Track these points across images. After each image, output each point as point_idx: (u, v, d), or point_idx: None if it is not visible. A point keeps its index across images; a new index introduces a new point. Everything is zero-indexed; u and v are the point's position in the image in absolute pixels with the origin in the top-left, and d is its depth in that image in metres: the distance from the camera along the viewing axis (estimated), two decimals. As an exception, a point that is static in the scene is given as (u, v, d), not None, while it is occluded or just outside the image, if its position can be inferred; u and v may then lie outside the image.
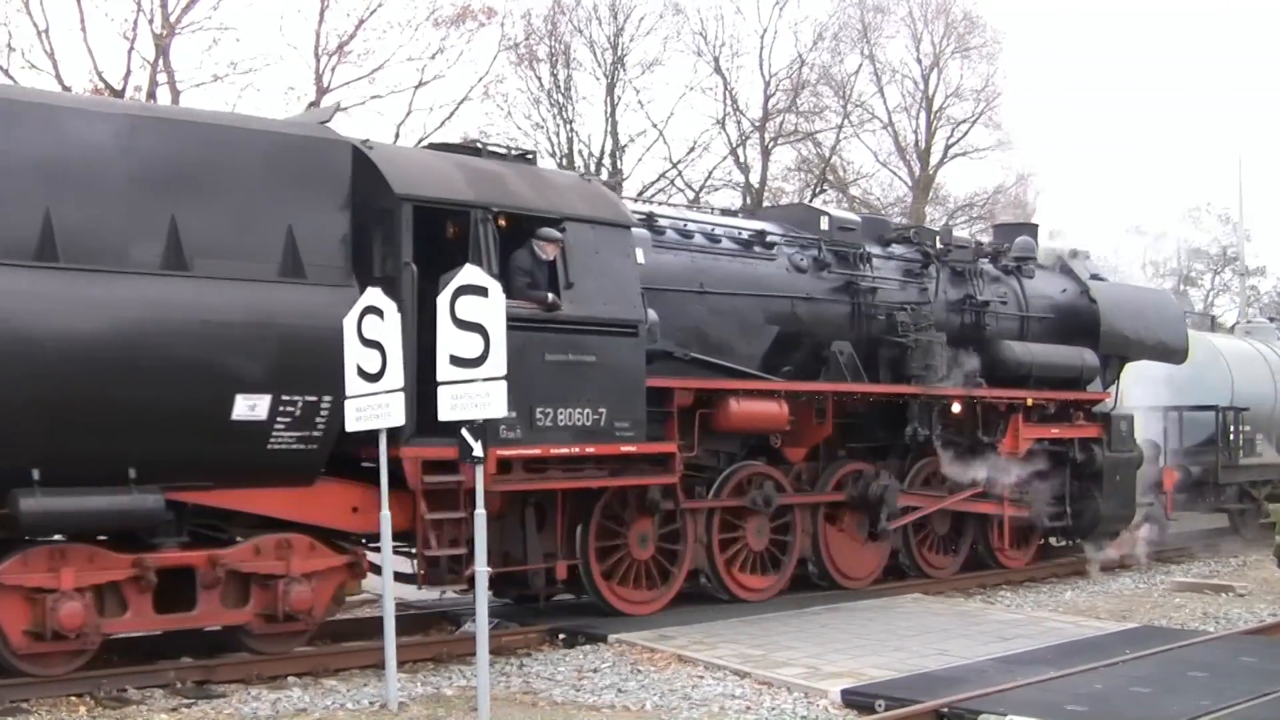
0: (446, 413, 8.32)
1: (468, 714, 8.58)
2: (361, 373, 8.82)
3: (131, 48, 22.32)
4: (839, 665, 9.92)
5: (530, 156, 11.64)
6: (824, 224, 14.07)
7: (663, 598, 12.04)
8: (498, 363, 7.98)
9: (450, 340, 8.14)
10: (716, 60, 31.65)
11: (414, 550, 10.38)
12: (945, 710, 8.41)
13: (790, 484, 13.32)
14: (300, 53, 25.87)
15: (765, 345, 13.04)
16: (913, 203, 34.47)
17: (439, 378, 8.36)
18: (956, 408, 14.80)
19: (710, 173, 31.24)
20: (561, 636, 11.08)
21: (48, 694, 8.74)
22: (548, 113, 30.52)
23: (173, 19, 22.63)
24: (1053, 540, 16.83)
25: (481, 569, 8.27)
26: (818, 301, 13.59)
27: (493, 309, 7.97)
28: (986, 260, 16.27)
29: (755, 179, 32.06)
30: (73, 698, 8.78)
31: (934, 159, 36.48)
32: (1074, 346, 16.25)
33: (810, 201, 26.82)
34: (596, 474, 11.08)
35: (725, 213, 14.29)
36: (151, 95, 22.35)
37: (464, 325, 8.11)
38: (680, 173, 30.68)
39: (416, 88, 25.26)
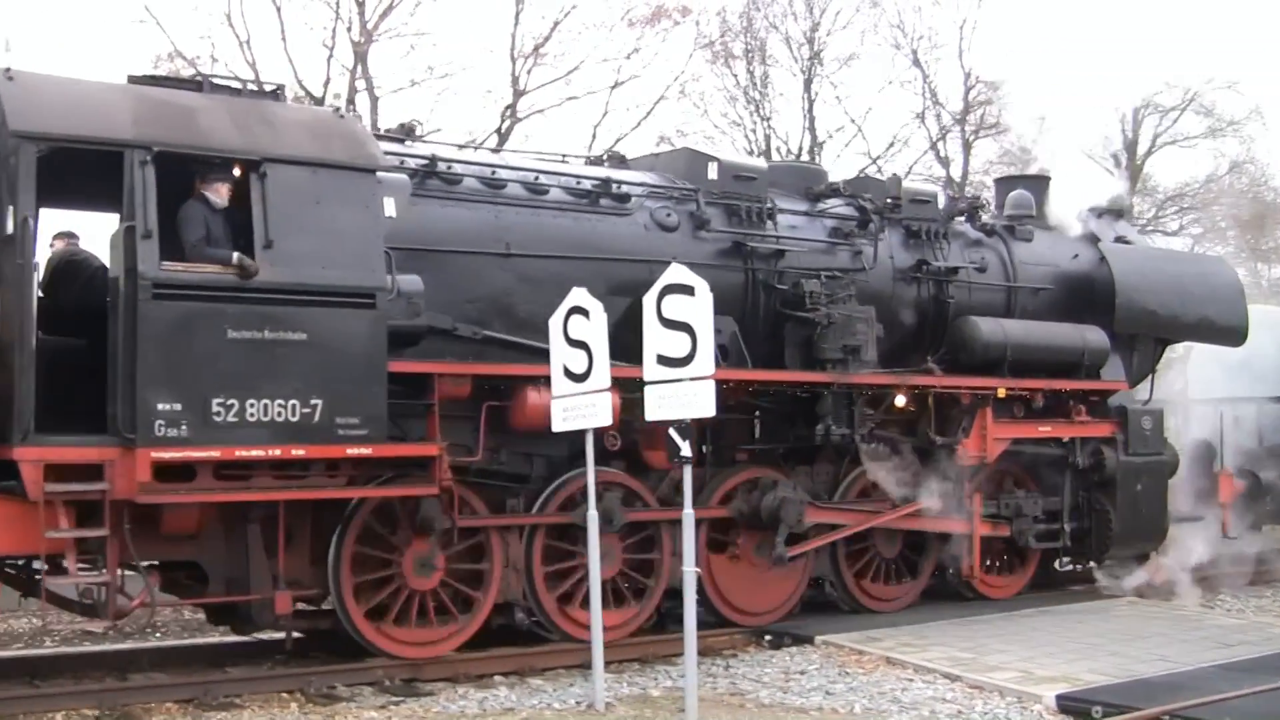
0: (653, 412, 8.36)
1: (675, 715, 8.58)
2: (568, 373, 8.91)
3: (330, 55, 23.27)
4: (1052, 669, 9.77)
5: (277, 91, 9.52)
6: (712, 172, 11.58)
7: (451, 642, 9.84)
8: (705, 362, 8.00)
9: (657, 339, 8.24)
10: (915, 53, 30.26)
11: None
12: (1166, 718, 8.26)
13: (658, 497, 10.95)
14: (496, 56, 26.37)
15: (610, 323, 10.62)
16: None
17: (646, 377, 8.30)
18: (901, 400, 12.13)
19: (910, 168, 29.97)
20: (768, 638, 11.08)
21: (260, 690, 8.96)
22: (744, 110, 29.98)
23: (370, 26, 23.39)
24: (1057, 564, 13.90)
25: (689, 569, 8.21)
26: (690, 266, 11.05)
27: (700, 307, 8.05)
28: (962, 219, 13.49)
29: (956, 173, 30.77)
30: (283, 694, 8.97)
31: (1141, 149, 33.75)
32: (1076, 324, 13.31)
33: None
34: (326, 483, 8.93)
35: (592, 162, 11.86)
36: (351, 102, 22.93)
37: (670, 324, 8.16)
38: (880, 168, 29.61)
39: (613, 88, 25.36)
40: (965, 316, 12.65)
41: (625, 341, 10.77)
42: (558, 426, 9.12)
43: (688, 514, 8.31)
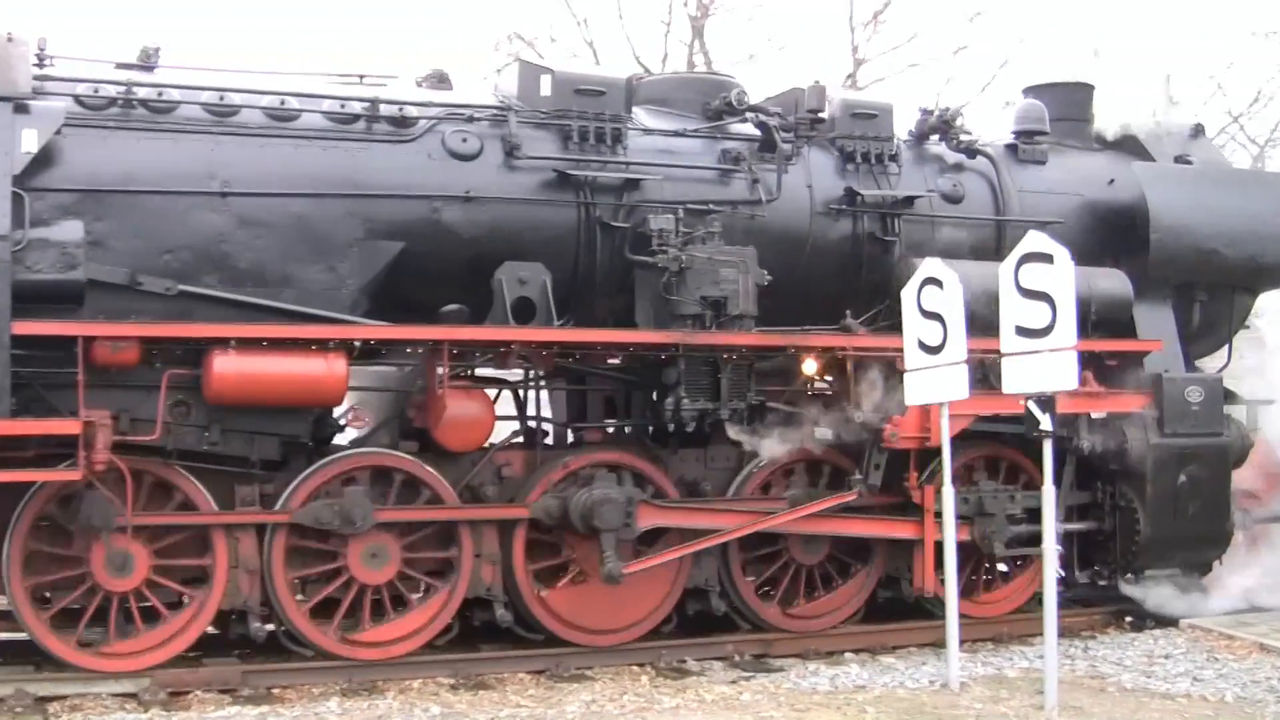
0: (1013, 385, 8.38)
1: (1032, 697, 8.55)
2: (922, 345, 8.96)
3: (667, 31, 24.48)
4: None
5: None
6: (545, 87, 9.83)
7: (162, 651, 8.67)
8: (1066, 332, 7.98)
9: (1015, 310, 8.28)
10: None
11: None
12: None
13: (469, 484, 9.41)
14: (835, 24, 26.02)
15: (373, 271, 9.12)
16: None
17: (1003, 349, 8.35)
18: (811, 366, 10.04)
19: (1279, 125, 27.83)
20: (1129, 620, 10.97)
21: (610, 663, 9.44)
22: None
23: (706, 1, 24.55)
24: (1078, 574, 11.30)
25: (1050, 547, 8.28)
26: (491, 202, 9.42)
27: (1061, 276, 8.06)
28: (936, 138, 11.12)
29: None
30: (634, 667, 9.43)
31: None
32: (1081, 268, 10.68)
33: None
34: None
35: (434, 85, 10.16)
36: None
37: (1029, 294, 8.17)
38: (1242, 126, 27.80)
39: (955, 53, 25.44)
40: (906, 259, 10.38)
41: (402, 293, 9.37)
42: (910, 400, 9.19)
43: (1048, 489, 8.28)
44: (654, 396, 9.90)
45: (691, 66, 24.64)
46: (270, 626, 9.11)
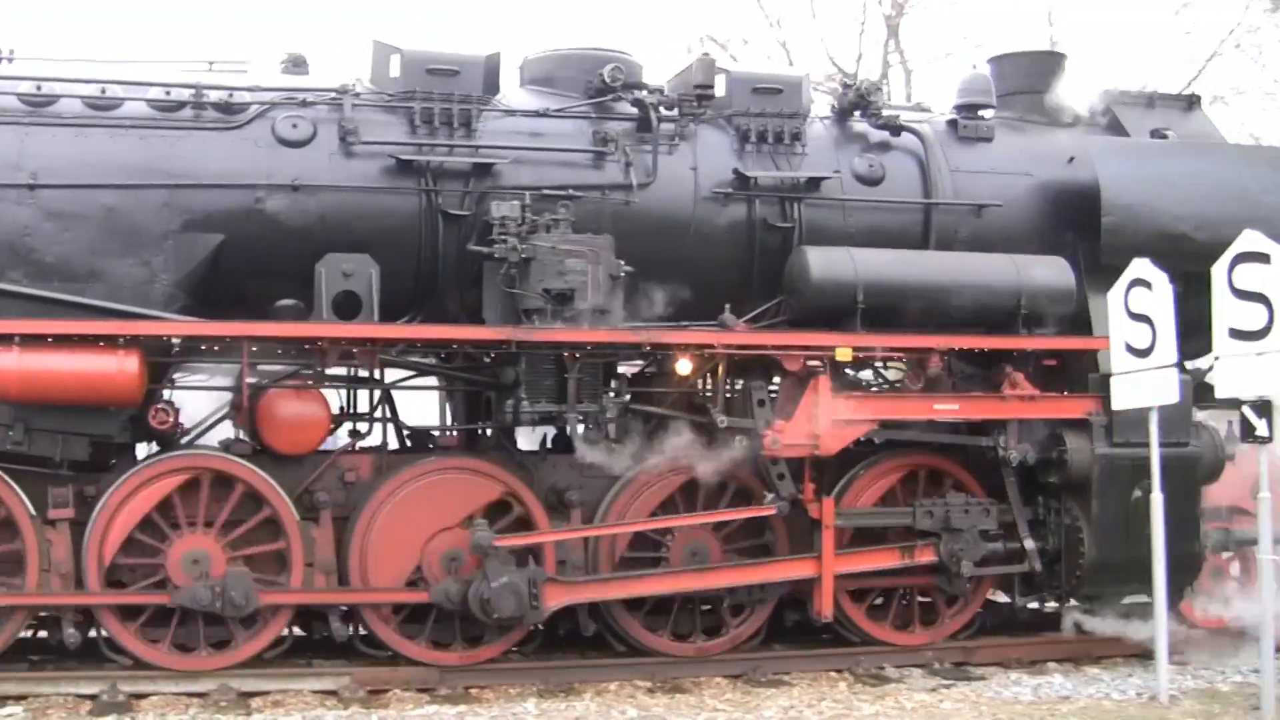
0: (1230, 388, 8.46)
1: (1246, 712, 8.51)
2: (1129, 348, 9.01)
3: (862, 31, 25.16)
4: None
5: None
6: (394, 68, 9.48)
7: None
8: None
9: (1229, 311, 8.34)
10: None
11: None
12: None
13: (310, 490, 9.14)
14: (1032, 21, 26.11)
15: (191, 265, 8.88)
16: None
17: (1215, 351, 8.47)
18: (685, 366, 9.38)
19: None
20: None
21: (807, 668, 9.62)
22: None
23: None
24: (1016, 600, 10.29)
25: (1266, 556, 8.31)
26: (321, 191, 9.08)
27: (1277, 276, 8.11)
28: (858, 115, 10.27)
29: None
30: (832, 673, 9.58)
31: None
32: (1016, 255, 9.73)
33: None
34: None
35: (289, 70, 9.89)
36: (883, 76, 24.55)
37: (1244, 295, 8.22)
38: None
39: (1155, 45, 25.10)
40: (799, 247, 9.59)
41: (227, 288, 9.17)
42: (1119, 404, 9.17)
43: (1264, 497, 8.29)
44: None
45: (886, 66, 24.58)
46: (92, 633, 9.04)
